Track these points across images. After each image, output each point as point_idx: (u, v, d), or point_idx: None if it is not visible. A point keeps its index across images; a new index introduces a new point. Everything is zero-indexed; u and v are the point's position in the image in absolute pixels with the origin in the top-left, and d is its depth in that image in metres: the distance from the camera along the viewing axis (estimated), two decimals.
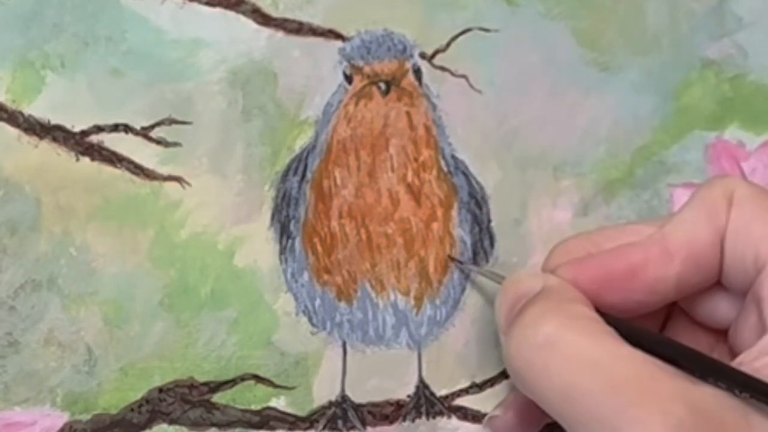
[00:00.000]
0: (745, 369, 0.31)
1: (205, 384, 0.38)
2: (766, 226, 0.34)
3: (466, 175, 0.39)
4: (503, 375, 0.40)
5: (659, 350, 0.31)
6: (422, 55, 0.39)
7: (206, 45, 0.37)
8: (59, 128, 0.36)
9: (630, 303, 0.34)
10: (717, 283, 0.35)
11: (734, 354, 0.33)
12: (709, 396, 0.30)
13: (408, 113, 0.38)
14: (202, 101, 0.37)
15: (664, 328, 0.38)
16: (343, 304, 0.39)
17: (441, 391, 0.40)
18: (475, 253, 0.40)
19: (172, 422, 0.37)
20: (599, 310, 0.33)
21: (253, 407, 0.38)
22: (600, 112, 0.41)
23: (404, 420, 0.39)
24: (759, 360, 0.31)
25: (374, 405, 0.39)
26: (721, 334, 0.36)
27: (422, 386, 0.39)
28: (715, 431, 0.29)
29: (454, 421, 0.40)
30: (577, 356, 0.31)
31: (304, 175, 0.38)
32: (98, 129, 0.36)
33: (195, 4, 0.37)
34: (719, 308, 0.36)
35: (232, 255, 0.38)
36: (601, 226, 0.39)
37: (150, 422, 0.37)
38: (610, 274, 0.34)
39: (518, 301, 0.34)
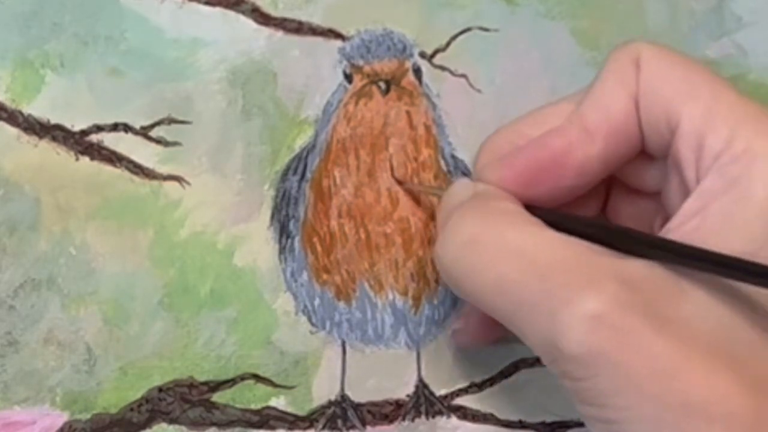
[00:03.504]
0: (674, 235, 0.30)
1: (204, 383, 0.38)
2: (675, 85, 0.32)
3: (466, 174, 0.39)
4: (502, 374, 0.40)
5: (587, 232, 0.31)
6: (422, 55, 0.39)
7: (206, 44, 0.37)
8: (59, 128, 0.36)
9: (561, 190, 0.34)
10: (643, 151, 0.34)
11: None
12: (639, 268, 0.30)
13: (408, 113, 0.38)
14: (201, 101, 0.37)
15: (607, 200, 0.37)
16: (342, 304, 0.39)
17: (440, 391, 0.40)
18: None
19: (171, 422, 0.37)
20: (529, 206, 0.33)
21: (253, 407, 0.38)
22: None
23: (404, 419, 0.39)
24: (686, 224, 0.31)
25: (374, 404, 0.39)
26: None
27: (421, 386, 0.39)
28: (649, 301, 0.29)
29: (454, 420, 0.40)
30: (502, 248, 0.31)
31: (303, 175, 0.38)
32: (98, 128, 0.36)
33: (194, 4, 0.37)
34: (649, 175, 0.35)
35: (231, 254, 0.38)
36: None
37: (149, 422, 0.37)
38: (534, 167, 0.33)
39: (451, 211, 0.33)
